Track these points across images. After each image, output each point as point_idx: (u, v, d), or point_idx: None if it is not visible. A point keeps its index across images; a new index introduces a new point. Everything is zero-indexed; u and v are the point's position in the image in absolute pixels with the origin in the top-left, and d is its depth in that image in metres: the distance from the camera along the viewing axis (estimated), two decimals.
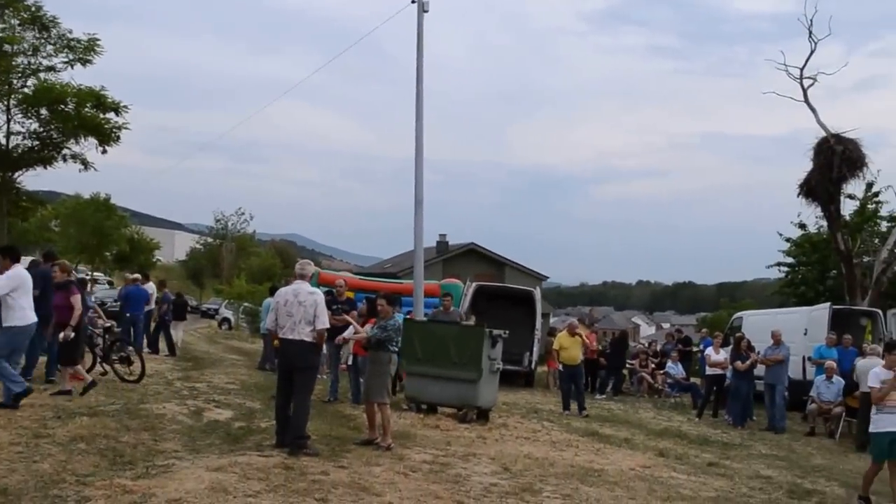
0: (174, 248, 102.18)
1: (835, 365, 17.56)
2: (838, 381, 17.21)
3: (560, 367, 18.48)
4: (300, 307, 9.53)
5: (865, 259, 28.87)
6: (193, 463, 8.21)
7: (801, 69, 28.39)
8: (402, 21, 21.20)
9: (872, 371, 10.13)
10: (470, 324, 15.43)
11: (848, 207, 29.80)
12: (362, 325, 12.40)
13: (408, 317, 16.79)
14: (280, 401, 9.67)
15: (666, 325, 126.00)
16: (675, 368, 23.80)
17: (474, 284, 24.54)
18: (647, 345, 32.26)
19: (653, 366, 24.77)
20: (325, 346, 11.46)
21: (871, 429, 9.89)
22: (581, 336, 17.88)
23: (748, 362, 17.75)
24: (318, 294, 9.88)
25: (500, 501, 8.00)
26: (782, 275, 35.55)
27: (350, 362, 14.96)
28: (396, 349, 10.97)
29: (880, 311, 22.15)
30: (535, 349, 23.74)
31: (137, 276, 22.05)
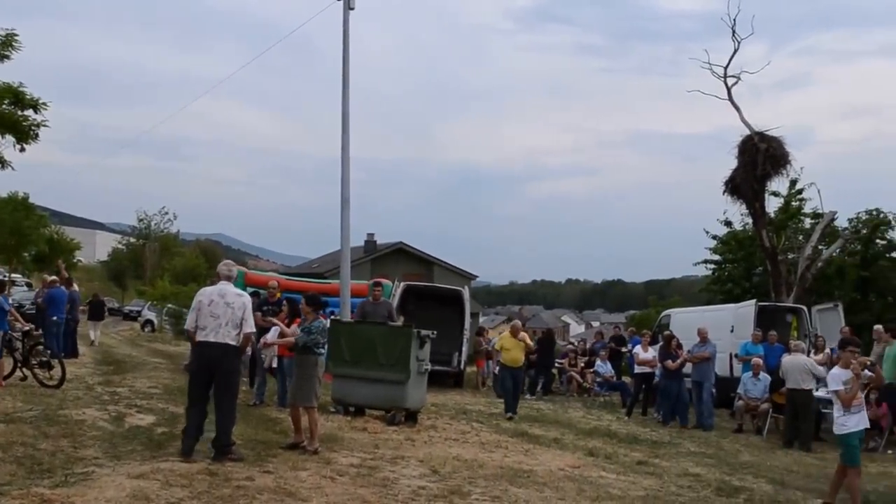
0: (95, 249, 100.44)
1: (761, 362, 17.76)
2: (765, 377, 17.39)
3: (498, 369, 18.40)
4: (227, 308, 9.20)
5: (790, 256, 29.43)
6: (114, 470, 8.03)
7: (725, 68, 29.04)
8: (330, 18, 21.10)
9: (831, 374, 9.93)
10: (398, 324, 15.30)
11: (772, 205, 30.49)
12: (288, 327, 12.22)
13: (333, 317, 16.61)
14: (197, 408, 9.18)
15: (596, 324, 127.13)
16: (603, 367, 23.94)
17: (402, 284, 24.40)
18: (576, 343, 32.38)
19: (582, 365, 24.86)
20: (249, 349, 11.24)
21: (840, 431, 9.61)
22: (526, 340, 17.65)
23: (678, 361, 17.84)
24: (247, 297, 9.65)
25: None
26: (709, 272, 35.95)
27: (274, 364, 14.73)
28: (323, 352, 10.79)
29: (805, 308, 22.49)
30: (465, 349, 23.69)
31: (55, 277, 21.58)
